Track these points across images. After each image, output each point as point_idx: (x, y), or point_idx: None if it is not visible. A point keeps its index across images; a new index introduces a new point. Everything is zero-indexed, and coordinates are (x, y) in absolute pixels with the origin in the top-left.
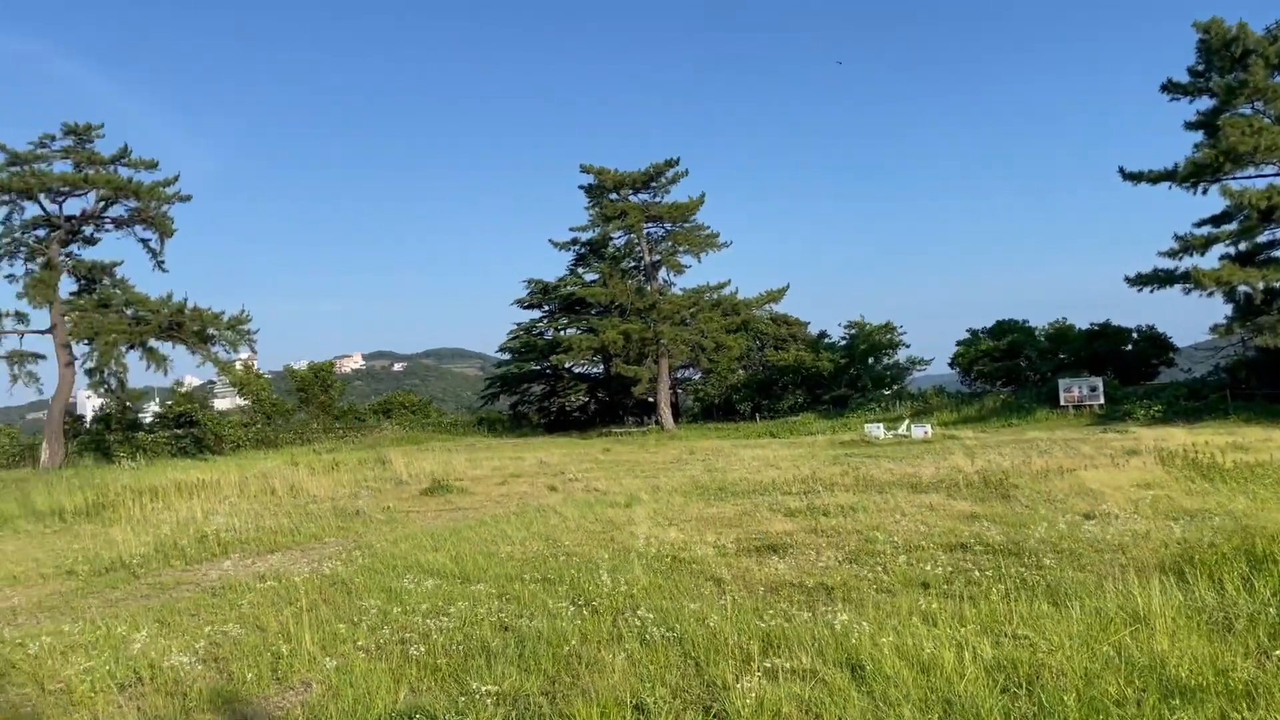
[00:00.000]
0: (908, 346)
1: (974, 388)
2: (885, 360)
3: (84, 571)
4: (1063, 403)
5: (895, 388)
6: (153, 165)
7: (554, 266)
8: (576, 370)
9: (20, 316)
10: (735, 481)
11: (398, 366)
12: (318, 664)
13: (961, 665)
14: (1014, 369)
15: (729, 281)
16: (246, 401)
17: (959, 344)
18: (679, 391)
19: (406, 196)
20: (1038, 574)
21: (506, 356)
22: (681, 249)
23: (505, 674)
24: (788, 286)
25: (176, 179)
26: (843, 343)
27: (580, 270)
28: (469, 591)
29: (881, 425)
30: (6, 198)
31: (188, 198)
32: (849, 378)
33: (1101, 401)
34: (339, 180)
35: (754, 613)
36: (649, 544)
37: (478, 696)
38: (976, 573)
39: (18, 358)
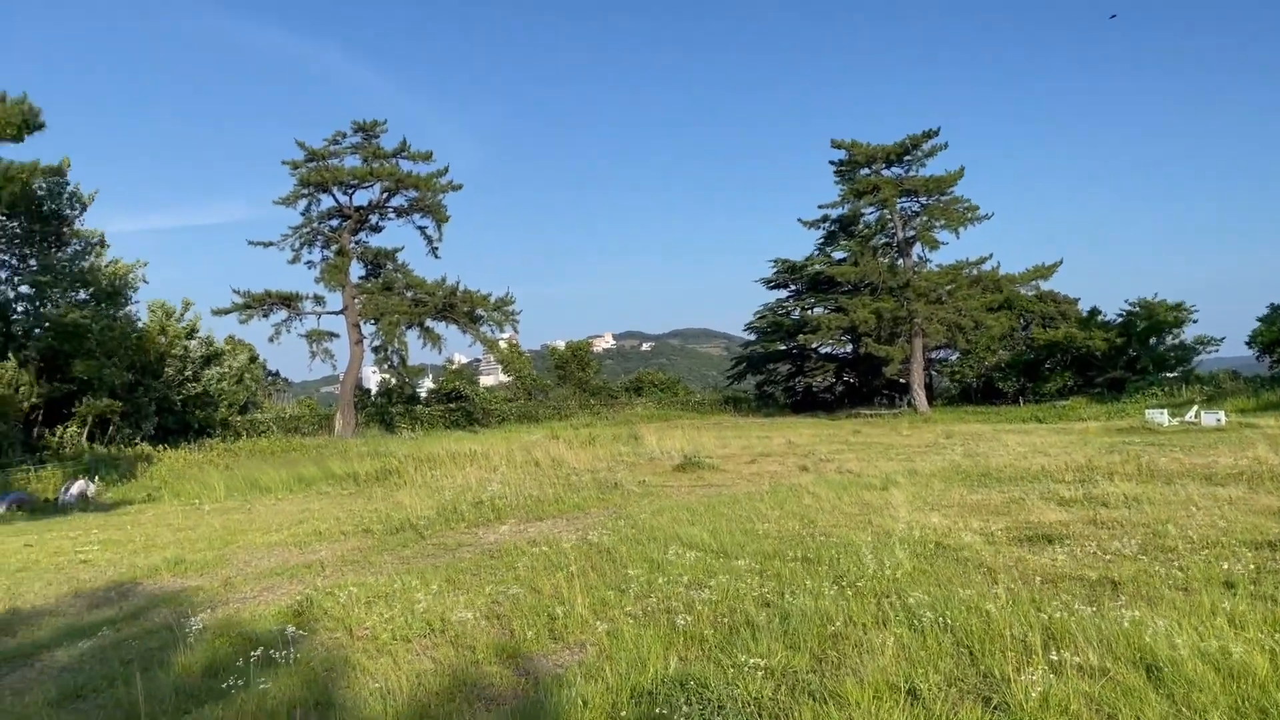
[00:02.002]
0: (1195, 323)
1: (1276, 371)
2: (1169, 340)
3: (378, 530)
4: None
5: (1180, 370)
6: (428, 157)
7: (801, 245)
8: (824, 350)
9: (318, 299)
10: (999, 468)
11: (646, 346)
12: (590, 627)
13: (1277, 673)
14: None
15: (990, 256)
16: (509, 378)
17: (1259, 321)
18: (933, 372)
19: (656, 180)
20: None
21: (752, 336)
22: (938, 223)
23: (771, 649)
24: (1059, 262)
25: (448, 170)
26: (1118, 320)
27: (829, 248)
28: (729, 566)
29: (1165, 411)
30: (306, 191)
31: (459, 187)
32: (1126, 359)
33: None
34: (590, 167)
35: (1031, 604)
36: (910, 528)
37: (746, 668)
38: None
39: (316, 336)
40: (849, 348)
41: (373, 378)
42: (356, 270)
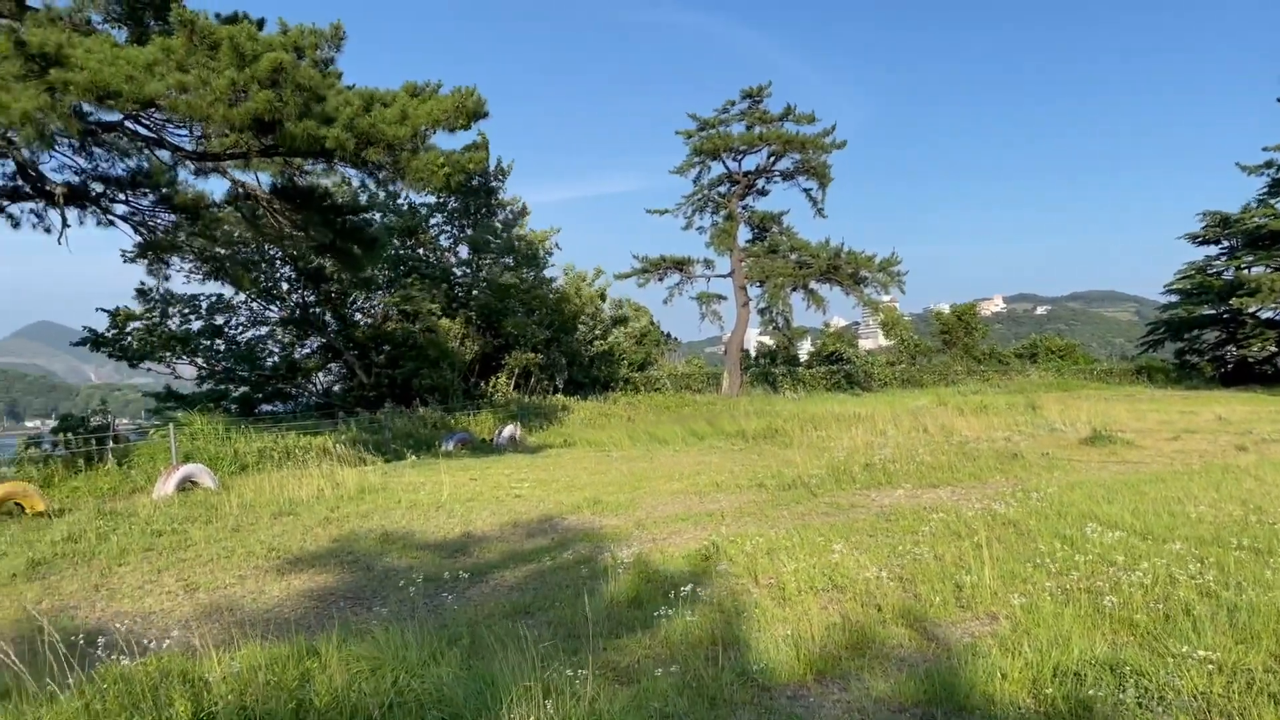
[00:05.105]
0: None
1: None
2: None
3: (771, 485)
4: None
5: None
6: (811, 119)
7: (1235, 196)
8: (1263, 315)
9: (707, 263)
10: None
11: (1040, 310)
12: (1001, 599)
13: None
14: None
15: None
16: (890, 342)
17: None
18: None
19: (1057, 129)
20: None
21: (1172, 299)
22: None
23: (1217, 642)
24: None
25: (833, 129)
26: None
27: (1273, 199)
28: (1158, 550)
29: None
30: (698, 160)
31: (842, 145)
32: None
33: None
34: (981, 122)
35: None
36: None
37: (1189, 660)
38: None
39: (706, 298)
40: None
41: (755, 339)
42: (743, 234)
